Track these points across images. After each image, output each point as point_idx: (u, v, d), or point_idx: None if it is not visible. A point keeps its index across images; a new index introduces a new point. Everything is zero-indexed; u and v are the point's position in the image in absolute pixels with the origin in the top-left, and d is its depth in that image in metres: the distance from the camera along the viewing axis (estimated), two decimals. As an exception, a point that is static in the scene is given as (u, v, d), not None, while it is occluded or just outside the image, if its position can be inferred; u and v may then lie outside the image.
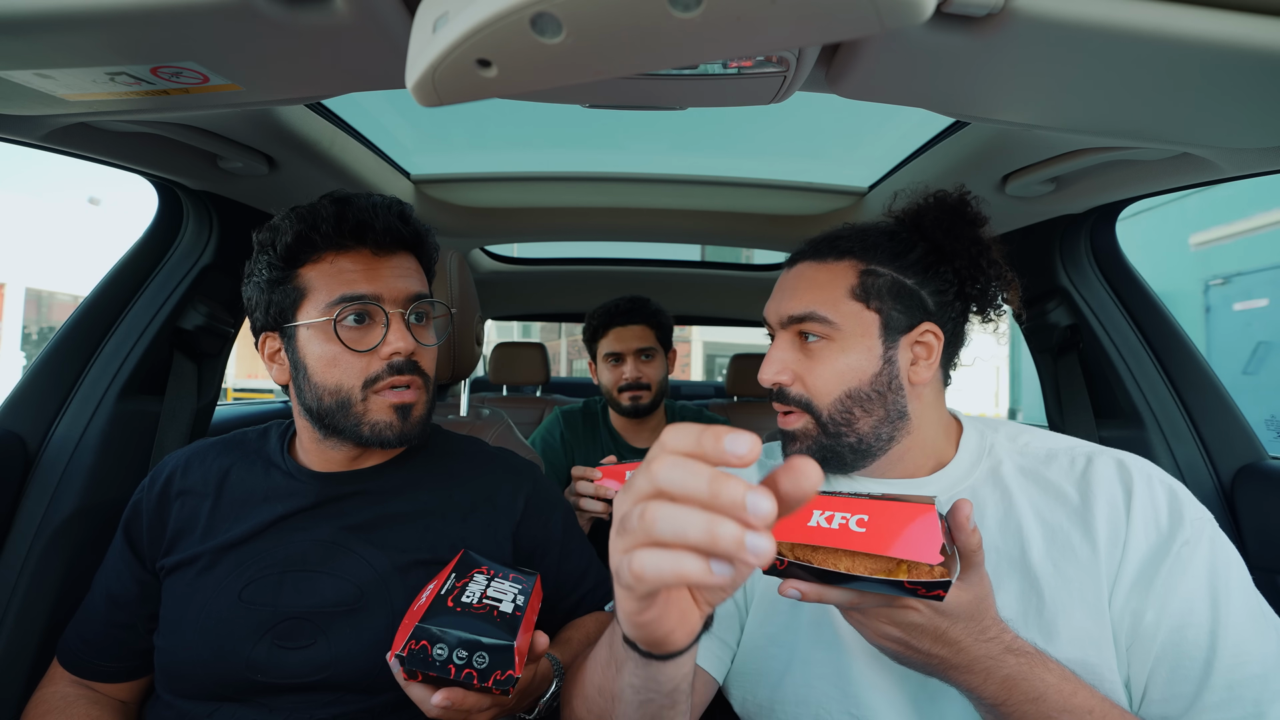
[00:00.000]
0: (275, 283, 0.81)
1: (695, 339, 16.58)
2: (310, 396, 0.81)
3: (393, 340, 0.80)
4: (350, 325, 0.79)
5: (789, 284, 0.78)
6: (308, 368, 0.81)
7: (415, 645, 0.57)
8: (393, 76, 0.66)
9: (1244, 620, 0.60)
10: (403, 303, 0.82)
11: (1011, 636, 0.57)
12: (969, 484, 0.74)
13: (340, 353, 0.79)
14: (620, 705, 0.57)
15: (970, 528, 0.53)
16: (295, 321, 0.81)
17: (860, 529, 0.52)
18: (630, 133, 1.47)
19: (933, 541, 0.50)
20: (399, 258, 0.84)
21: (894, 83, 0.66)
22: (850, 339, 0.73)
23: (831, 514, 0.54)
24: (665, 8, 0.36)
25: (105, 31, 0.55)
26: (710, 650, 0.75)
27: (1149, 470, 0.69)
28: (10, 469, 0.99)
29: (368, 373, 0.80)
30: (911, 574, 0.50)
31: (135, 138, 0.92)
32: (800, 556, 0.53)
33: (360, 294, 0.79)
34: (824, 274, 0.76)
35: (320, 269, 0.80)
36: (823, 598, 0.54)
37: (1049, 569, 0.66)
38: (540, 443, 1.79)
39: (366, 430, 0.80)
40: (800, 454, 0.70)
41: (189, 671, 0.76)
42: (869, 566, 0.51)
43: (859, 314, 0.73)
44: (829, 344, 0.74)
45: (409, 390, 0.82)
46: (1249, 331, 6.33)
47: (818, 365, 0.74)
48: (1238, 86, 0.58)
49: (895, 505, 0.54)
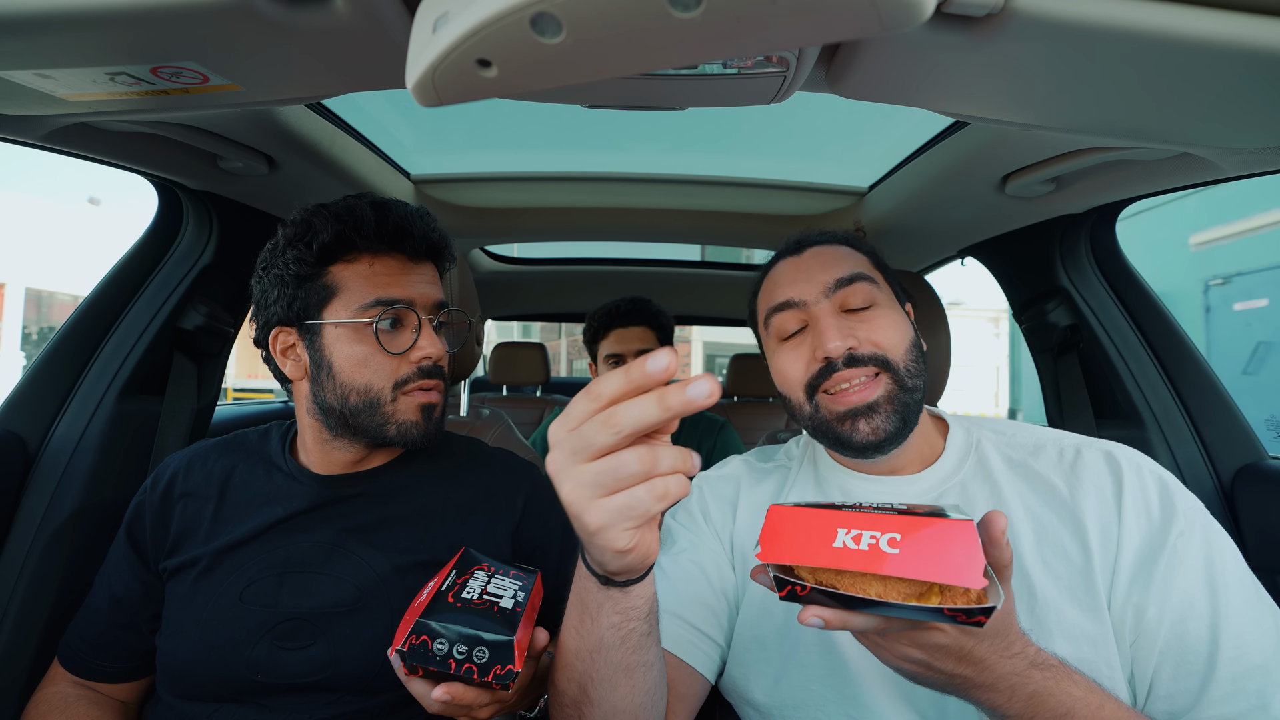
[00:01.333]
0: (303, 278, 0.81)
1: (695, 339, 16.58)
2: (333, 395, 0.81)
3: (424, 345, 0.83)
4: (383, 328, 0.81)
5: (814, 261, 0.78)
6: (333, 366, 0.81)
7: (416, 640, 0.58)
8: (393, 76, 0.66)
9: (1243, 609, 0.61)
10: (431, 309, 0.85)
11: (1035, 650, 0.54)
12: (958, 480, 0.74)
13: (373, 353, 0.80)
14: (602, 653, 0.58)
15: (1004, 541, 0.49)
16: (320, 319, 0.81)
17: (893, 549, 0.46)
18: (630, 133, 1.47)
19: (975, 563, 0.45)
20: (425, 265, 0.87)
21: (894, 83, 0.66)
22: (891, 301, 0.77)
23: (859, 532, 0.48)
24: (665, 8, 0.36)
25: (105, 31, 0.55)
26: (700, 649, 0.75)
27: (1138, 460, 0.69)
28: (10, 469, 0.99)
29: (398, 374, 0.82)
30: (949, 598, 0.46)
31: (135, 138, 0.92)
32: (824, 581, 0.48)
33: (396, 298, 0.81)
34: (843, 251, 0.79)
35: (355, 269, 0.81)
36: (847, 624, 0.49)
37: (1039, 566, 0.66)
38: (540, 443, 1.79)
39: (393, 430, 0.82)
40: (884, 429, 0.71)
41: (190, 672, 0.76)
42: (902, 591, 0.47)
43: (884, 283, 0.78)
44: (878, 309, 0.75)
45: (434, 392, 0.85)
46: (1249, 331, 6.33)
47: (878, 321, 0.74)
48: (1238, 86, 0.58)
49: (929, 522, 0.48)
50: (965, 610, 0.45)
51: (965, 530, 0.46)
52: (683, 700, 0.72)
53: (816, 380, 0.73)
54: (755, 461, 0.90)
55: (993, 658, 0.52)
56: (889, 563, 0.46)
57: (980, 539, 0.48)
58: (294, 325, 0.83)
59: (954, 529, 0.46)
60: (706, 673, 0.75)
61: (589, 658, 0.59)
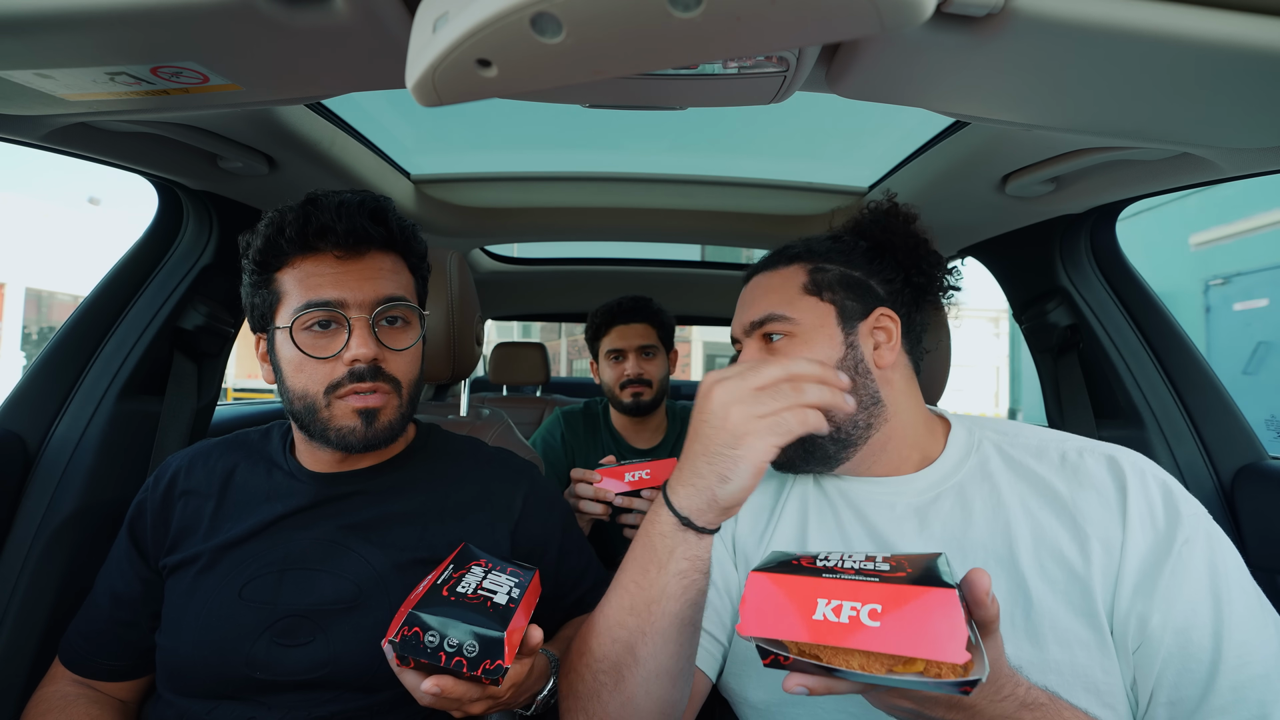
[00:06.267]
0: (256, 286, 0.82)
1: (695, 339, 16.57)
2: (285, 399, 0.82)
3: (354, 346, 0.78)
4: (315, 331, 0.79)
5: (746, 298, 0.83)
6: (281, 371, 0.82)
7: (408, 631, 0.58)
8: (393, 76, 0.66)
9: (1245, 618, 0.60)
10: (369, 306, 0.80)
11: (1025, 689, 0.55)
12: (957, 479, 0.74)
13: (304, 359, 0.79)
14: (663, 604, 0.63)
15: (989, 600, 0.49)
16: (274, 325, 0.82)
17: (874, 622, 0.46)
18: (630, 133, 1.47)
19: (957, 636, 0.44)
20: (370, 259, 0.82)
21: (894, 83, 0.66)
22: (811, 331, 0.76)
23: (839, 604, 0.48)
24: (665, 8, 0.36)
25: (105, 31, 0.55)
26: (703, 647, 0.75)
27: (1141, 465, 0.69)
28: (10, 469, 0.99)
29: (331, 378, 0.79)
30: (933, 668, 0.46)
31: (135, 138, 0.92)
32: (806, 652, 0.49)
33: (324, 299, 0.78)
34: (776, 279, 0.81)
35: (292, 273, 0.81)
36: (832, 690, 0.50)
37: (1035, 569, 0.65)
38: (541, 443, 1.79)
39: (333, 435, 0.80)
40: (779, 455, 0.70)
41: (189, 669, 0.76)
42: (886, 662, 0.47)
43: (814, 307, 0.77)
44: (792, 340, 0.76)
45: (374, 395, 0.80)
46: (1249, 331, 6.33)
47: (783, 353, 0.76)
48: (1238, 86, 0.58)
49: (911, 591, 0.47)
50: (949, 683, 0.45)
51: (947, 600, 0.46)
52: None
53: None
54: None
55: (983, 703, 0.53)
56: (870, 637, 0.46)
57: (963, 600, 0.47)
58: (262, 331, 0.85)
59: (936, 600, 0.46)
60: (709, 670, 0.76)
61: (645, 611, 0.63)
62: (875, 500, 0.76)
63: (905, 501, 0.75)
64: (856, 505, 0.77)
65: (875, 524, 0.74)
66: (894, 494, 0.76)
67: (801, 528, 0.79)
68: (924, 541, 0.71)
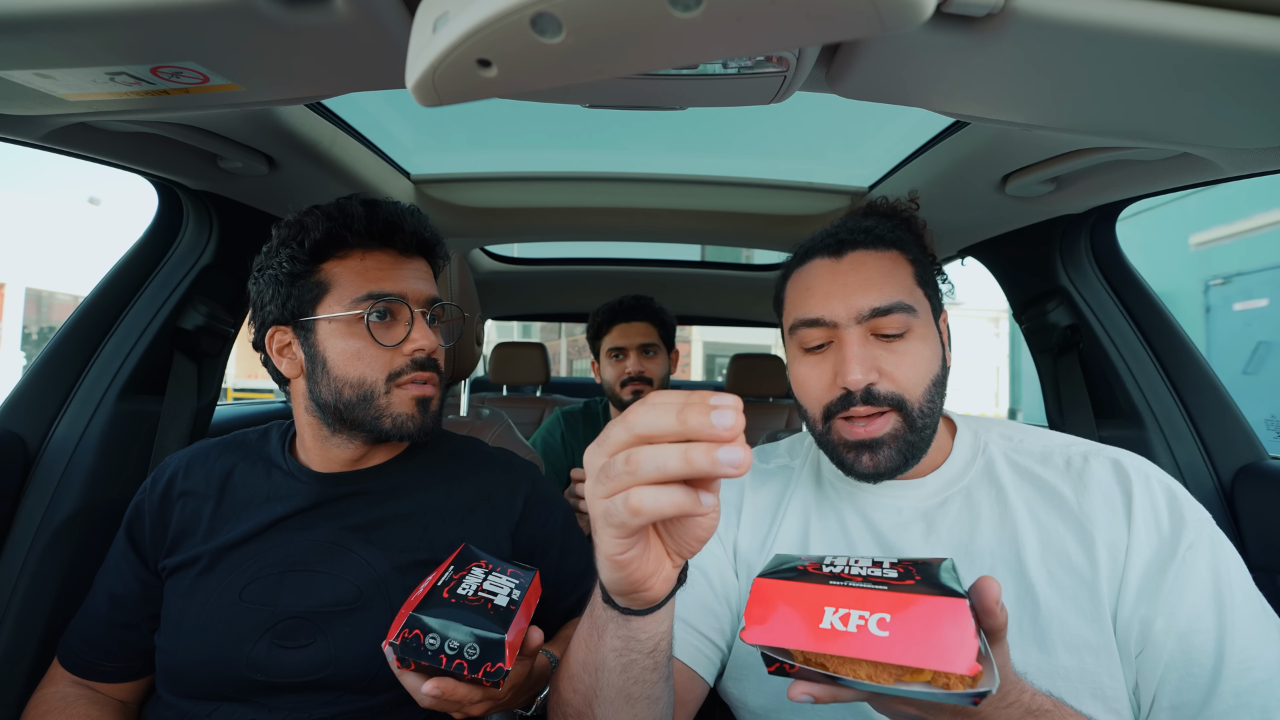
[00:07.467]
0: (297, 276, 0.83)
1: (695, 339, 16.57)
2: (328, 390, 0.82)
3: (417, 337, 0.83)
4: (375, 321, 0.82)
5: (854, 276, 0.71)
6: (328, 361, 0.82)
7: (409, 634, 0.58)
8: (393, 76, 0.66)
9: (1248, 623, 0.60)
10: (424, 303, 0.85)
11: (1030, 695, 0.54)
12: (964, 484, 0.74)
13: (365, 346, 0.81)
14: (604, 674, 0.56)
15: (998, 608, 0.48)
16: (314, 315, 0.82)
17: (882, 631, 0.45)
18: (630, 133, 1.47)
19: (967, 646, 0.43)
20: (417, 261, 0.88)
21: (894, 83, 0.66)
22: (926, 325, 0.72)
23: (847, 612, 0.46)
24: (665, 8, 0.36)
25: (105, 31, 0.55)
26: (700, 650, 0.75)
27: (1146, 470, 0.69)
28: (10, 469, 0.99)
29: (391, 367, 0.82)
30: (941, 678, 0.44)
31: (135, 138, 0.92)
32: (812, 660, 0.47)
33: (388, 292, 0.82)
34: (886, 261, 0.73)
35: (347, 265, 0.83)
36: (838, 699, 0.49)
37: (1043, 574, 0.65)
38: (541, 443, 1.79)
39: (388, 423, 0.82)
40: (885, 464, 0.68)
41: (189, 671, 0.76)
42: (894, 672, 0.45)
43: (923, 301, 0.73)
44: (912, 333, 0.70)
45: (428, 385, 0.85)
46: (1249, 331, 6.33)
47: (906, 357, 0.70)
48: (1238, 86, 0.58)
49: (921, 600, 0.46)
50: (959, 695, 0.44)
51: (958, 610, 0.44)
52: (683, 704, 0.72)
53: (834, 407, 0.71)
54: (757, 463, 0.89)
55: (988, 710, 0.52)
56: (878, 647, 0.44)
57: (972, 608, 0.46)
58: (289, 323, 0.84)
59: (945, 609, 0.45)
60: (707, 676, 0.75)
61: (594, 674, 0.58)
62: (881, 504, 0.75)
63: (912, 506, 0.74)
64: (862, 509, 0.76)
65: (881, 529, 0.74)
66: (900, 498, 0.75)
67: (804, 533, 0.78)
68: (931, 547, 0.71)
